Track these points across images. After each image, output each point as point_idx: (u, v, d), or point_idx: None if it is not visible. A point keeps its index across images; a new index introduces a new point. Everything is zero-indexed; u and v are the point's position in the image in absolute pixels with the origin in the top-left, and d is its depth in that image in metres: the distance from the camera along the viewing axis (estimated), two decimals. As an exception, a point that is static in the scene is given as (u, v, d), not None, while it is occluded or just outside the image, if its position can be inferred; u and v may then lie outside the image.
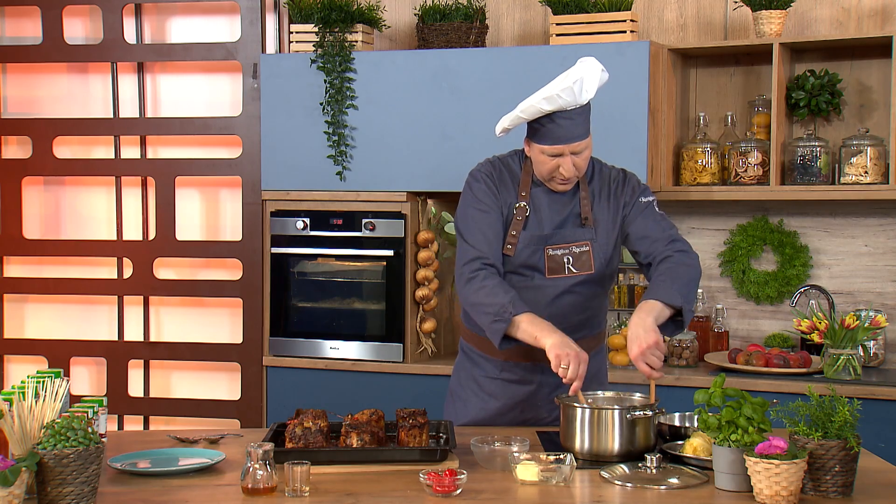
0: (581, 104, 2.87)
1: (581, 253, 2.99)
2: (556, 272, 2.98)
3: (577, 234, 2.99)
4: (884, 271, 4.34)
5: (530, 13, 4.80)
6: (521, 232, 2.98)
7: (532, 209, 3.00)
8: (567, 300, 3.01)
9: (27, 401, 2.36)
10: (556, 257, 2.98)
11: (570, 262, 2.99)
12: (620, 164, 4.17)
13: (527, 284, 3.00)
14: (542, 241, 2.98)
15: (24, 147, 4.97)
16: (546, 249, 2.98)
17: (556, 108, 2.85)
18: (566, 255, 2.98)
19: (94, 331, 5.00)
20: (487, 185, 3.01)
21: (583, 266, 2.99)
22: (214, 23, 4.90)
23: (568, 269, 2.99)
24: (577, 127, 2.88)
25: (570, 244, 2.99)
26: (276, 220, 4.63)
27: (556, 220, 3.00)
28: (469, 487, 2.39)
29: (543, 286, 2.99)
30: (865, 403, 2.62)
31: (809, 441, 2.30)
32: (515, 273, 3.01)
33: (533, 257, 2.99)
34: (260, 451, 2.35)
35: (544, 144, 2.89)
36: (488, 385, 3.10)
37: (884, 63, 4.19)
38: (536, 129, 2.91)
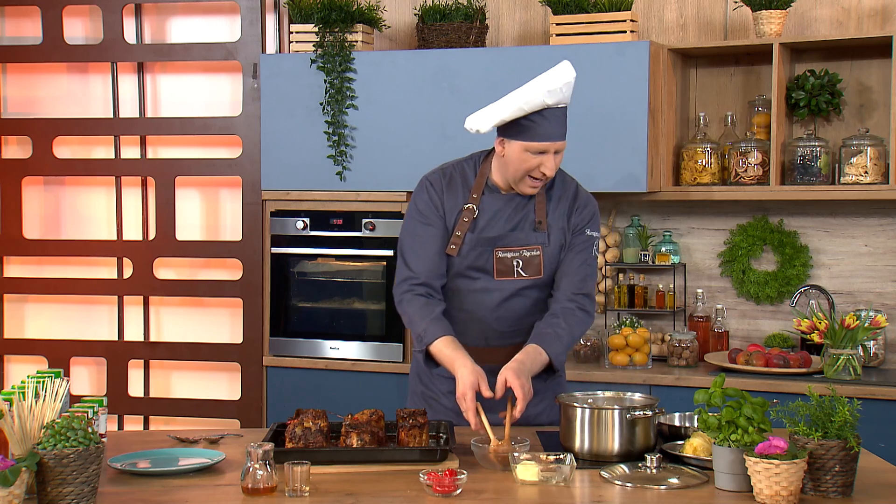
0: (567, 103, 2.91)
1: (532, 257, 2.98)
2: (504, 274, 2.98)
3: (530, 237, 2.98)
4: (884, 271, 4.34)
5: (530, 13, 4.80)
6: (468, 234, 2.97)
7: (481, 212, 2.98)
8: (516, 303, 3.00)
9: (27, 401, 2.36)
10: (505, 260, 2.98)
11: (520, 265, 2.98)
12: (620, 164, 4.20)
13: (474, 287, 3.00)
14: (489, 242, 2.98)
15: (24, 147, 4.97)
16: (495, 252, 2.97)
17: (555, 102, 2.86)
18: (516, 258, 2.98)
19: (94, 331, 5.00)
20: (430, 195, 3.01)
21: (533, 271, 2.99)
22: (214, 23, 4.90)
23: (517, 272, 2.98)
24: (561, 127, 2.90)
25: (520, 248, 2.98)
26: (276, 220, 4.63)
27: (508, 225, 2.99)
28: (469, 487, 2.39)
29: (491, 289, 2.99)
30: (865, 403, 2.62)
31: (809, 441, 2.30)
32: (462, 276, 3.00)
33: (480, 259, 2.98)
34: (260, 451, 2.35)
35: (532, 141, 2.86)
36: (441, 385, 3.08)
37: (884, 63, 4.19)
38: (523, 126, 2.87)
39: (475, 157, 3.09)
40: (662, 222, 4.64)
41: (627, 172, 4.20)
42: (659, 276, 4.60)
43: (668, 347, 4.32)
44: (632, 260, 4.54)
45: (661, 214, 4.64)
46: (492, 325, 3.02)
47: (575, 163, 4.27)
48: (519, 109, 2.85)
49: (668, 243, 4.52)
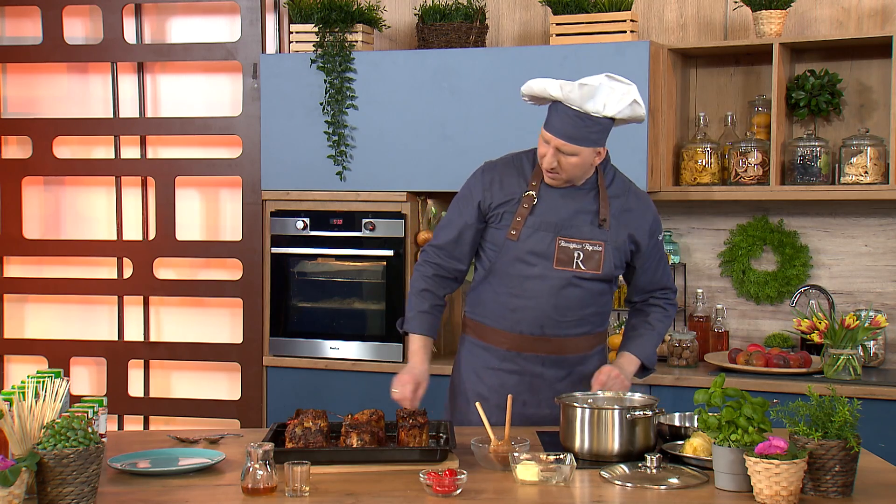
0: (586, 110, 2.89)
1: (593, 252, 3.02)
2: (564, 264, 3.01)
3: (594, 232, 3.03)
4: (884, 271, 4.34)
5: (530, 13, 4.80)
6: (528, 217, 3.01)
7: (541, 198, 3.03)
8: (572, 294, 3.02)
9: (27, 401, 2.36)
10: (567, 250, 3.01)
11: (581, 257, 3.02)
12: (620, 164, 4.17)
13: (531, 273, 3.02)
14: (551, 228, 3.01)
15: (24, 147, 4.97)
16: (558, 240, 3.01)
17: (557, 96, 2.90)
18: (578, 250, 3.01)
19: (94, 331, 5.00)
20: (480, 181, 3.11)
21: (593, 265, 3.02)
22: (214, 23, 4.90)
23: (577, 263, 3.02)
24: (569, 126, 2.91)
25: (584, 241, 3.02)
26: (276, 220, 4.63)
27: (567, 212, 3.03)
28: (469, 487, 2.39)
29: (548, 276, 3.01)
30: (865, 403, 2.62)
31: (809, 441, 2.30)
32: (521, 260, 3.03)
33: (540, 245, 3.01)
34: (260, 451, 2.35)
35: (543, 127, 2.97)
36: (489, 378, 3.11)
37: (884, 63, 4.19)
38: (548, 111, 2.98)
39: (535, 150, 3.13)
40: (662, 222, 4.62)
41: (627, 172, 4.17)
42: (659, 276, 4.60)
43: (668, 347, 4.32)
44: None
45: (661, 214, 4.60)
46: (548, 312, 3.02)
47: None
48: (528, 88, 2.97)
49: (668, 243, 4.52)
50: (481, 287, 3.12)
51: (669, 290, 3.21)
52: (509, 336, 3.07)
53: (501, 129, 4.30)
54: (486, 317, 3.11)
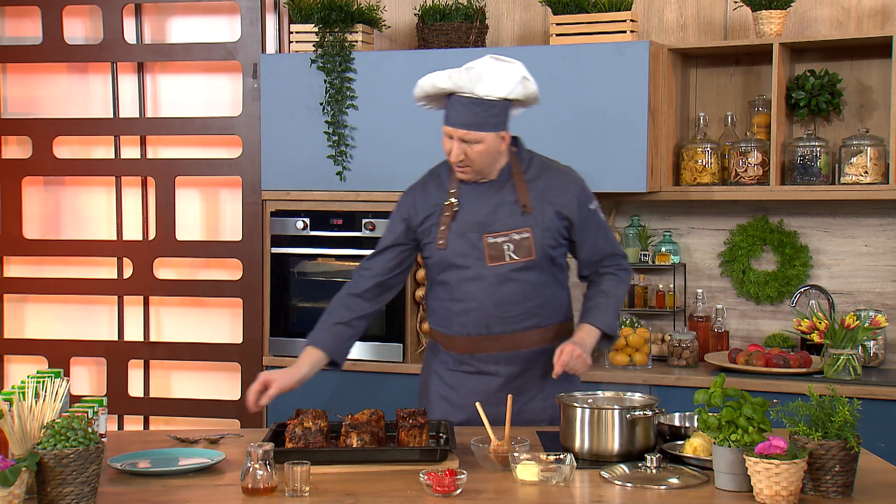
0: (477, 94, 2.93)
1: (522, 240, 3.03)
2: (496, 259, 3.02)
3: (518, 221, 3.03)
4: (884, 271, 4.34)
5: (530, 13, 4.80)
6: (452, 223, 3.04)
7: (462, 203, 3.06)
8: (511, 288, 3.03)
9: (27, 401, 2.36)
10: (496, 245, 3.02)
11: (511, 248, 3.03)
12: (620, 164, 4.20)
13: (467, 276, 3.04)
14: (478, 227, 3.03)
15: (24, 147, 4.97)
16: (485, 238, 3.02)
17: (447, 88, 2.94)
18: (506, 242, 3.03)
19: (94, 331, 5.00)
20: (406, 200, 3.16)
21: (524, 253, 3.03)
22: (214, 23, 4.90)
23: (509, 255, 3.03)
24: (467, 115, 2.94)
25: (509, 231, 3.03)
26: (276, 220, 4.63)
27: (489, 208, 3.04)
28: (469, 487, 2.39)
29: (485, 275, 3.03)
30: (865, 403, 2.62)
31: (809, 441, 2.30)
32: (454, 266, 3.05)
33: (469, 246, 3.03)
34: (260, 451, 2.35)
35: (444, 124, 3.00)
36: (449, 378, 3.15)
37: (884, 63, 4.19)
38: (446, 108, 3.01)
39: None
40: (662, 222, 4.64)
41: (627, 172, 4.20)
42: (659, 276, 4.60)
43: (668, 347, 4.32)
44: (632, 260, 4.54)
45: (661, 214, 4.64)
46: (490, 311, 3.03)
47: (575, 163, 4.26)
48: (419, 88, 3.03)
49: (668, 243, 4.52)
50: (429, 297, 3.18)
51: (618, 257, 3.18)
52: (460, 339, 3.10)
53: (501, 129, 4.30)
54: (438, 324, 3.16)
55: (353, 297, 3.11)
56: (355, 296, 3.10)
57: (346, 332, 3.09)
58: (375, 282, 3.10)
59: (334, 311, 3.11)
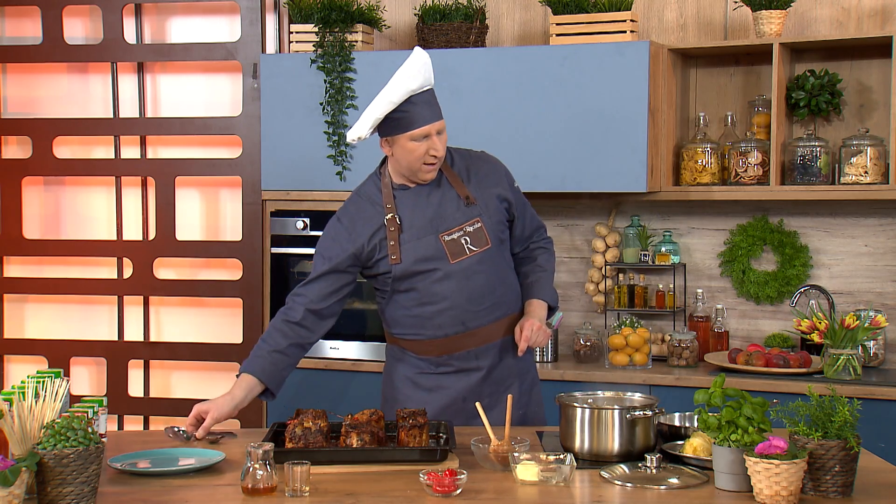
0: (431, 85, 3.01)
1: (476, 231, 3.06)
2: (458, 255, 3.04)
3: (465, 213, 3.06)
4: (884, 271, 4.34)
5: (530, 13, 4.80)
6: (401, 236, 3.03)
7: (402, 214, 3.06)
8: (478, 281, 3.05)
9: (27, 401, 2.36)
10: (454, 241, 3.04)
11: (469, 242, 3.05)
12: (620, 164, 4.20)
13: (434, 278, 3.03)
14: (428, 229, 3.04)
15: (24, 147, 4.97)
16: (442, 237, 3.04)
17: (419, 85, 2.95)
18: (462, 236, 3.05)
19: (94, 331, 5.00)
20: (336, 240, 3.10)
21: (480, 242, 3.06)
22: (214, 23, 4.90)
23: (468, 248, 3.05)
24: (435, 107, 3.01)
25: (462, 225, 3.05)
26: (276, 220, 4.63)
27: (432, 208, 3.06)
28: (469, 487, 2.39)
29: (451, 273, 3.03)
30: (865, 403, 2.62)
31: (809, 441, 2.30)
32: (417, 273, 3.04)
33: (429, 249, 3.03)
34: (260, 451, 2.35)
35: (412, 129, 2.97)
36: (425, 381, 3.12)
37: (884, 63, 4.19)
38: (398, 120, 2.97)
39: (373, 175, 3.18)
40: (662, 222, 4.64)
41: (627, 172, 4.20)
42: (659, 276, 4.60)
43: (668, 347, 4.32)
44: (632, 260, 4.54)
45: (661, 214, 4.64)
46: (464, 306, 3.04)
47: (575, 163, 4.28)
48: (388, 103, 2.96)
49: (668, 243, 4.52)
50: (389, 310, 3.13)
51: (542, 230, 3.28)
52: (435, 342, 3.09)
53: (501, 129, 4.30)
54: (407, 333, 3.12)
55: (289, 325, 3.03)
56: (292, 323, 3.03)
57: (281, 361, 3.02)
58: (311, 309, 3.03)
59: (270, 337, 3.02)
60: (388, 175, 3.12)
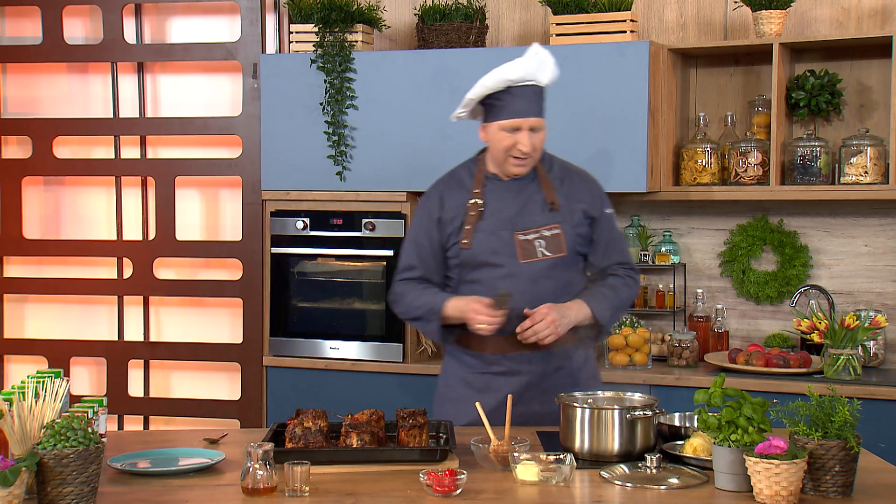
0: (538, 83, 2.99)
1: (553, 236, 3.05)
2: (529, 256, 3.04)
3: (546, 217, 3.06)
4: (884, 271, 4.34)
5: (530, 13, 4.80)
6: (478, 223, 3.04)
7: (487, 202, 3.07)
8: (544, 286, 3.04)
9: (27, 401, 2.36)
10: (527, 242, 3.04)
11: (543, 245, 3.04)
12: (620, 164, 4.20)
13: (499, 274, 3.04)
14: (506, 225, 3.05)
15: (24, 147, 4.97)
16: (516, 235, 3.03)
17: (519, 77, 2.95)
18: (537, 238, 3.04)
19: (94, 331, 5.00)
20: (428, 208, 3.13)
21: (556, 248, 3.05)
22: (214, 23, 4.90)
23: (541, 252, 3.04)
24: (534, 104, 2.99)
25: (540, 228, 3.05)
26: (276, 220, 4.63)
27: (517, 206, 3.06)
28: (469, 487, 2.39)
29: (517, 272, 3.03)
30: (865, 403, 2.62)
31: (809, 441, 2.30)
32: (485, 264, 3.05)
33: (500, 243, 3.03)
34: (260, 451, 2.35)
35: (503, 119, 2.98)
36: (477, 381, 3.11)
37: (884, 63, 4.19)
38: (493, 107, 3.00)
39: (470, 160, 3.20)
40: (662, 222, 4.64)
41: (627, 172, 4.20)
42: (659, 276, 4.60)
43: (668, 347, 4.32)
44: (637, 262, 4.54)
45: (661, 214, 4.64)
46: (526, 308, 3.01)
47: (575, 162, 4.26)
48: (483, 87, 2.99)
49: (668, 243, 4.52)
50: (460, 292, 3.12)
51: (627, 265, 3.19)
52: (492, 339, 3.08)
53: (501, 129, 4.30)
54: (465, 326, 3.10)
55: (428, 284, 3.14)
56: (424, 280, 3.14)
57: None
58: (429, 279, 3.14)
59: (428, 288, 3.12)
60: (484, 161, 3.13)
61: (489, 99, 3.02)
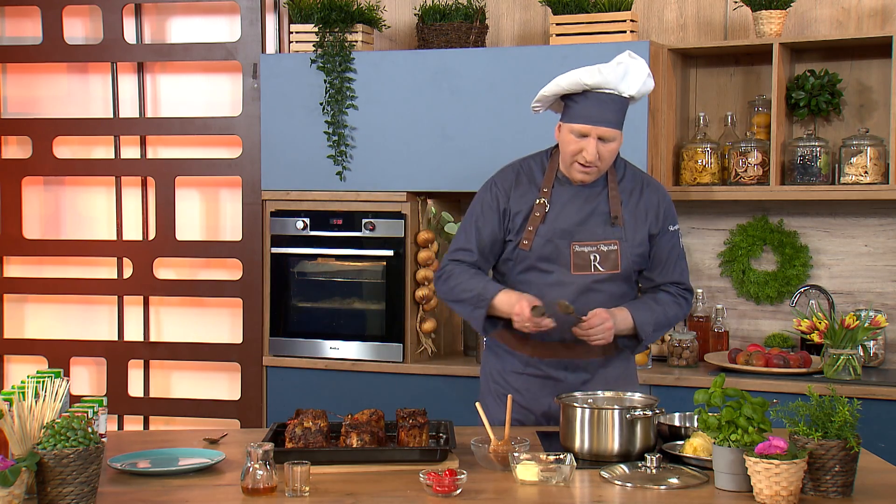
0: (620, 92, 2.89)
1: (609, 252, 2.98)
2: (581, 269, 2.98)
3: (606, 232, 2.99)
4: (884, 271, 4.34)
5: (530, 13, 4.80)
6: (540, 226, 2.98)
7: (553, 205, 3.00)
8: (592, 298, 2.99)
9: (27, 401, 2.36)
10: (582, 254, 2.97)
11: (597, 259, 2.98)
12: (620, 164, 4.19)
13: (548, 281, 2.99)
14: (564, 234, 2.98)
15: (24, 147, 4.97)
16: (573, 246, 2.97)
17: (594, 83, 2.86)
18: (593, 252, 2.98)
19: (94, 331, 5.00)
20: (495, 193, 3.04)
21: (610, 265, 2.98)
22: (214, 23, 4.90)
23: (594, 266, 2.98)
24: (609, 112, 2.88)
25: (597, 242, 2.98)
26: (276, 220, 4.63)
27: (580, 216, 2.99)
28: (469, 487, 2.39)
29: (567, 282, 2.99)
30: (865, 403, 2.62)
31: (809, 441, 2.30)
32: (536, 269, 3.01)
33: (554, 252, 2.98)
34: (260, 451, 2.35)
35: (573, 123, 2.91)
36: (514, 381, 3.10)
37: (884, 63, 4.19)
38: (569, 108, 2.93)
39: (543, 153, 3.11)
40: (662, 222, 4.63)
41: (627, 172, 4.19)
42: (659, 276, 4.59)
43: (668, 347, 4.32)
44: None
45: (661, 214, 4.63)
46: (569, 319, 2.98)
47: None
48: (557, 85, 2.92)
49: (668, 243, 4.52)
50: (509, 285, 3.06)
51: (682, 286, 3.11)
52: (531, 343, 3.06)
53: (501, 129, 4.30)
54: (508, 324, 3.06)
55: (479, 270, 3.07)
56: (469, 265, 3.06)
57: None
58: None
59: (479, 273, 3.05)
60: (557, 161, 3.04)
61: (568, 98, 2.94)
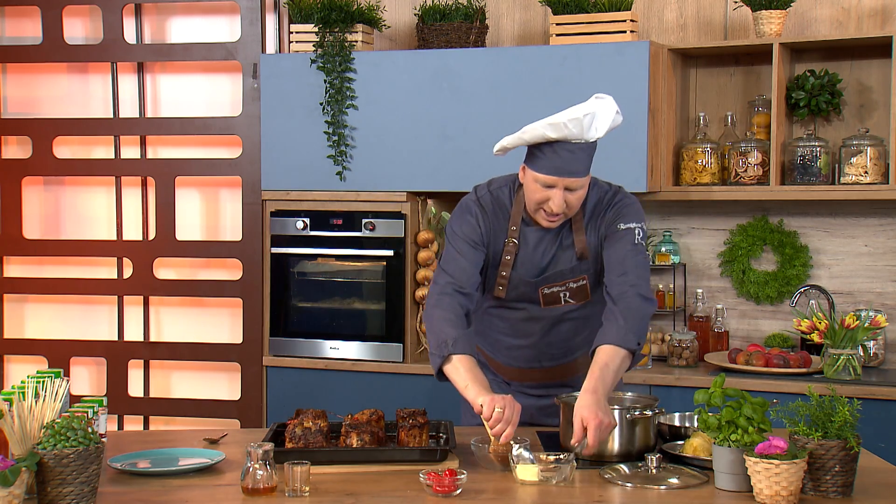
0: (587, 140, 2.74)
1: (578, 287, 2.93)
2: (551, 303, 2.95)
3: (574, 269, 2.90)
4: (884, 271, 4.34)
5: (530, 13, 4.80)
6: (511, 272, 2.90)
7: (521, 247, 2.90)
8: (564, 327, 3.00)
9: (27, 401, 2.36)
10: (551, 294, 2.94)
11: (567, 295, 2.94)
12: (620, 164, 4.19)
13: (519, 316, 2.99)
14: (534, 275, 2.92)
15: (24, 147, 4.97)
16: (541, 289, 2.92)
17: (561, 137, 2.72)
18: (562, 290, 2.94)
19: (94, 331, 5.00)
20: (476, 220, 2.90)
21: (580, 297, 2.95)
22: (214, 23, 4.90)
23: (565, 300, 2.95)
24: (576, 162, 2.74)
25: (566, 281, 2.92)
26: (276, 220, 4.63)
27: (548, 258, 2.91)
28: (469, 487, 2.39)
29: (538, 317, 2.98)
30: (865, 403, 2.62)
31: (809, 441, 2.30)
32: (508, 307, 2.99)
33: (525, 293, 2.95)
34: (260, 451, 2.35)
35: (539, 172, 2.75)
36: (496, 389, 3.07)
37: (884, 63, 4.19)
38: (535, 155, 2.77)
39: (511, 181, 2.96)
40: (662, 222, 4.64)
41: (627, 172, 4.19)
42: (659, 276, 4.60)
43: (668, 347, 4.32)
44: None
45: (661, 214, 4.64)
46: (543, 349, 3.01)
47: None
48: (519, 139, 2.77)
49: (668, 243, 4.52)
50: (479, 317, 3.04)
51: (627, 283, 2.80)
52: (508, 369, 3.09)
53: (501, 129, 4.26)
54: (486, 347, 3.10)
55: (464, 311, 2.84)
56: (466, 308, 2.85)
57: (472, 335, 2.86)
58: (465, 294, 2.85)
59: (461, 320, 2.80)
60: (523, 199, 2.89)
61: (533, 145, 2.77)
